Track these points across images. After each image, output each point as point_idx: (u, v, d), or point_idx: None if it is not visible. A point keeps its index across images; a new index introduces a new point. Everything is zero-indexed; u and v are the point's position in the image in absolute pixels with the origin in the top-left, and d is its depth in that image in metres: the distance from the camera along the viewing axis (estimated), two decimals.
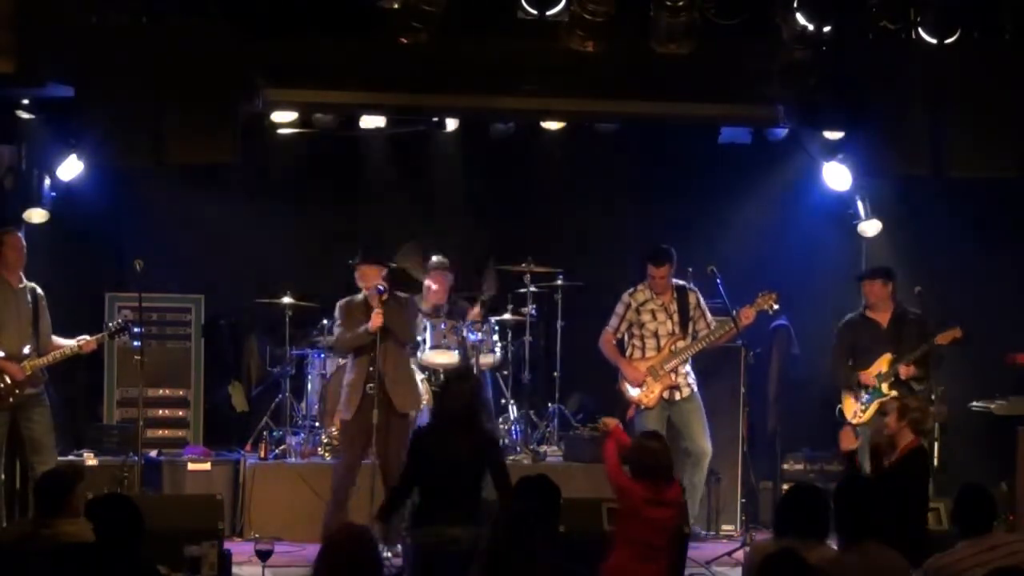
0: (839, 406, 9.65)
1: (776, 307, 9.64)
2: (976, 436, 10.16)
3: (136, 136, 8.99)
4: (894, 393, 9.27)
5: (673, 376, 9.63)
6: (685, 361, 9.67)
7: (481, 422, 8.04)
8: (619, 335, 9.80)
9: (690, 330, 9.72)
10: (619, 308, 9.79)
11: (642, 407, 9.59)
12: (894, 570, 5.68)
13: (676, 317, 9.69)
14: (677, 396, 9.68)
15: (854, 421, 9.44)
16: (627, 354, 9.80)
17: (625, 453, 7.30)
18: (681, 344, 9.66)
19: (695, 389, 9.70)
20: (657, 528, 6.99)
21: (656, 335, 9.70)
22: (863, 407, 9.47)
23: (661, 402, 9.64)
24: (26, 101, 9.69)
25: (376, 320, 8.84)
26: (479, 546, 5.36)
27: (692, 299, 9.76)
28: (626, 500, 7.08)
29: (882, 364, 9.48)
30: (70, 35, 8.80)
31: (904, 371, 9.36)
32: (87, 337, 9.14)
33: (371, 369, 8.94)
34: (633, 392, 9.64)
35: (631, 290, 9.80)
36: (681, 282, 9.79)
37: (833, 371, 9.82)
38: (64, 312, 9.72)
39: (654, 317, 9.71)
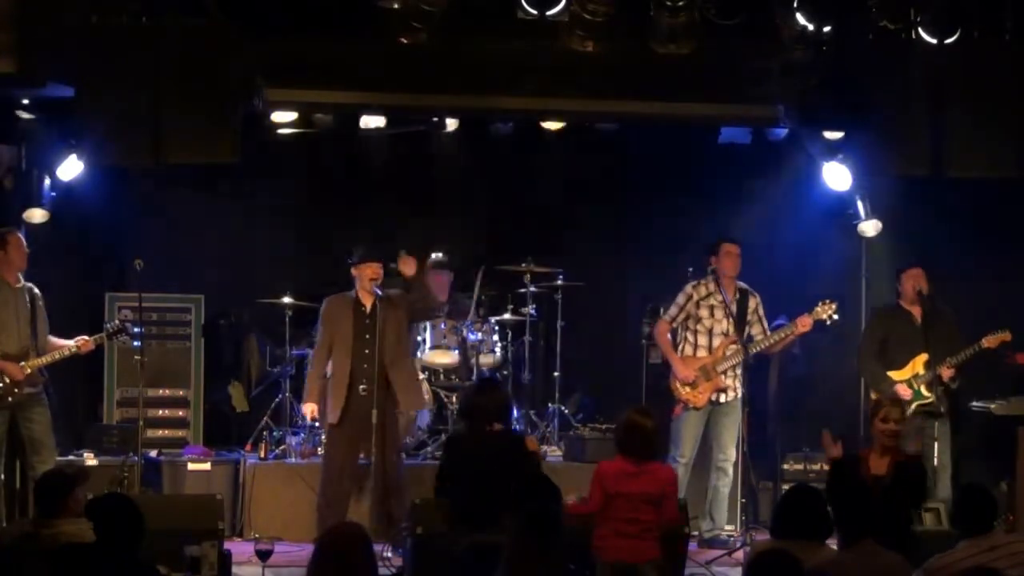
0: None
1: (836, 317, 9.60)
2: (976, 436, 10.15)
3: (136, 136, 9.00)
4: (932, 396, 9.31)
5: (724, 378, 9.59)
6: (737, 365, 9.59)
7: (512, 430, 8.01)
8: (675, 325, 9.71)
9: (744, 334, 9.63)
10: (680, 298, 9.70)
11: (690, 407, 9.57)
12: (894, 570, 5.67)
13: (733, 319, 9.58)
14: (722, 399, 9.60)
15: None
16: (678, 349, 9.71)
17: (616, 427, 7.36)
18: (733, 347, 9.57)
19: (739, 394, 9.59)
20: (635, 501, 7.00)
21: (710, 332, 9.63)
22: None
23: (708, 404, 9.61)
24: (26, 101, 9.69)
25: (310, 413, 9.12)
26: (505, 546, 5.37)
27: (752, 303, 9.70)
28: (605, 486, 7.07)
29: (917, 365, 9.48)
30: (70, 35, 8.81)
31: (946, 373, 9.35)
32: (85, 338, 9.15)
33: (365, 367, 8.93)
34: (683, 390, 9.57)
35: (694, 282, 9.72)
36: (744, 285, 9.73)
37: (861, 366, 9.84)
38: (64, 312, 9.72)
39: (711, 314, 9.64)
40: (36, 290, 9.13)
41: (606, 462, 7.30)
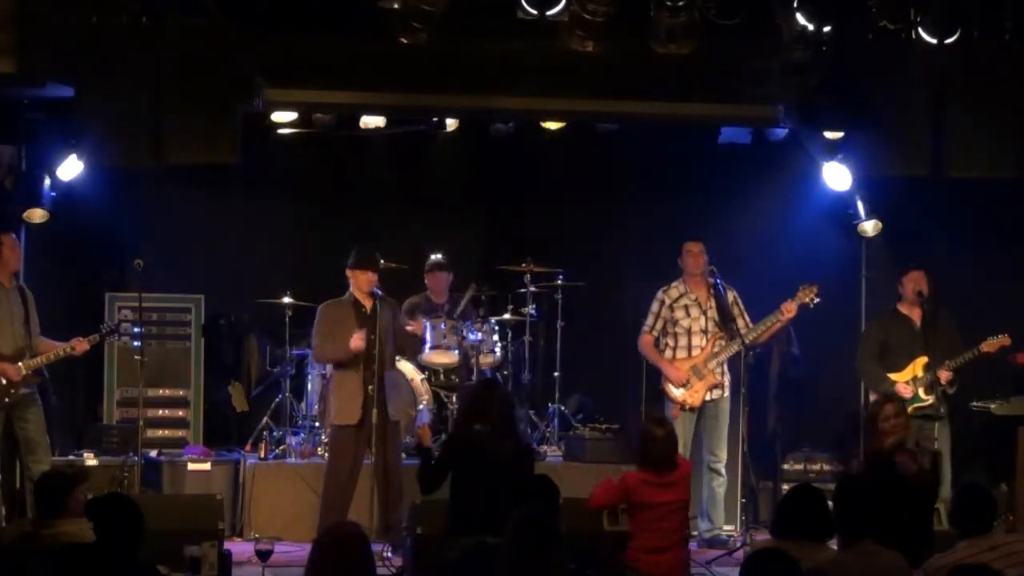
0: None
1: (817, 300, 9.57)
2: (976, 436, 10.16)
3: (136, 136, 9.01)
4: (931, 399, 9.33)
5: (717, 375, 9.58)
6: (725, 361, 9.55)
7: (519, 429, 7.98)
8: (655, 334, 9.71)
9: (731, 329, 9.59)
10: (654, 306, 9.71)
11: (687, 408, 9.55)
12: (894, 570, 5.67)
13: (711, 313, 9.57)
14: (714, 395, 9.59)
15: None
16: (662, 355, 9.69)
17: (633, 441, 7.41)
18: (721, 343, 9.55)
19: (726, 393, 9.60)
20: (667, 511, 7.01)
21: (688, 332, 9.62)
22: None
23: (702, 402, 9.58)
24: (26, 101, 9.69)
25: (358, 343, 8.85)
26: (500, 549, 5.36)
27: (731, 296, 9.68)
28: (630, 496, 7.08)
29: (916, 368, 9.47)
30: (70, 35, 8.81)
31: (944, 376, 9.35)
32: (80, 339, 9.13)
33: (373, 367, 8.93)
34: (677, 393, 9.55)
35: (665, 287, 9.73)
36: (718, 280, 9.69)
37: (862, 371, 9.83)
38: (64, 312, 9.72)
39: (687, 313, 9.63)
40: (28, 291, 9.13)
41: (633, 474, 7.32)
